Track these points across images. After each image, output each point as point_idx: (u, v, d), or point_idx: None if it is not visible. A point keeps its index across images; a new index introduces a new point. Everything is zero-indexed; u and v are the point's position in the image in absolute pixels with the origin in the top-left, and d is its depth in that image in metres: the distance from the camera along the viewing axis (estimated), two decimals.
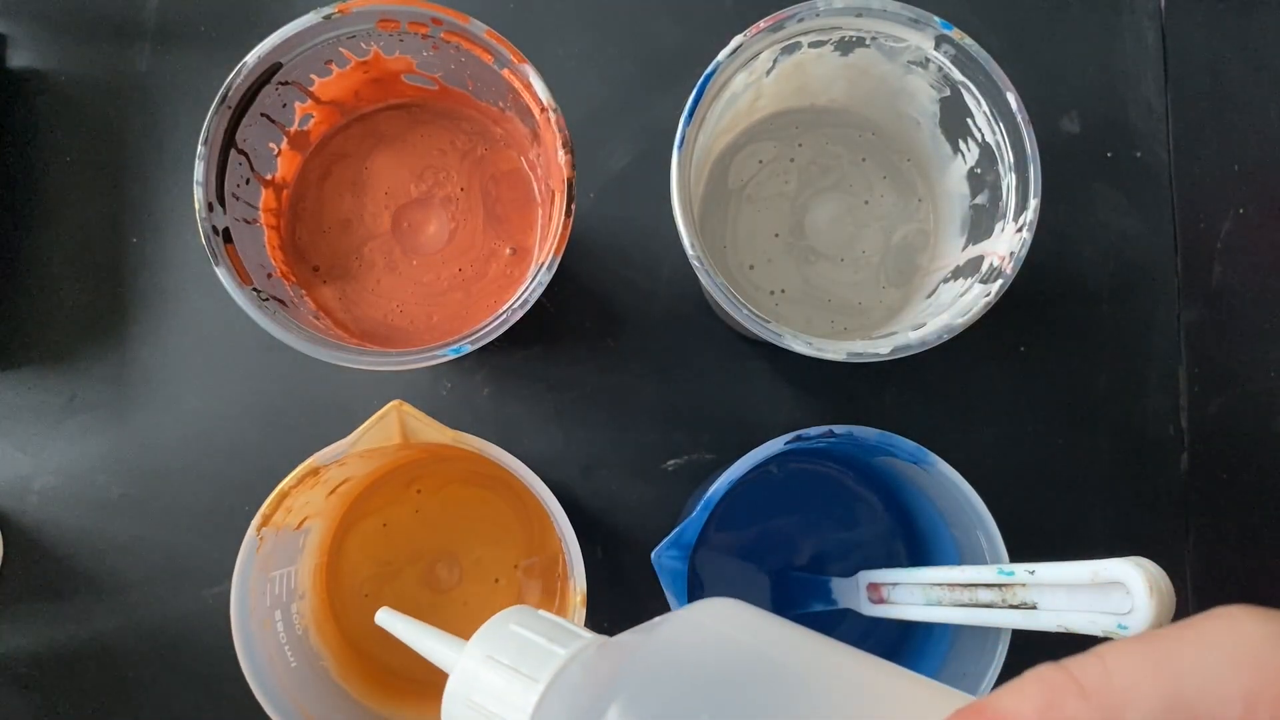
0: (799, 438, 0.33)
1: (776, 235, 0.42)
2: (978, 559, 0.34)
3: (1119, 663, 0.15)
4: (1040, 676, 0.16)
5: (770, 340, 0.34)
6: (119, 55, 0.46)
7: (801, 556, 0.42)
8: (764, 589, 0.41)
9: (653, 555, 0.32)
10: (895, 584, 0.34)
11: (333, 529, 0.40)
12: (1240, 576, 0.44)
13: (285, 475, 0.32)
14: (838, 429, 0.34)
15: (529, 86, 0.35)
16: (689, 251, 0.34)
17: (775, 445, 0.33)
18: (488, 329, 0.34)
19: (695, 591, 0.41)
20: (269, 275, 0.37)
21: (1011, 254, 0.34)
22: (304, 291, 0.40)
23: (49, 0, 0.46)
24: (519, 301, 0.34)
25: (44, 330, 0.44)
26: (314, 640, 0.37)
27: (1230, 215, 0.46)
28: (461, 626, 0.40)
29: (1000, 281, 0.34)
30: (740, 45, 0.35)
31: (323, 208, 0.41)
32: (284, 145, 0.39)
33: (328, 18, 0.34)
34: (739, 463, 0.33)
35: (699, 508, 0.33)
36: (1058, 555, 0.27)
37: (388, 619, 0.26)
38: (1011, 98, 0.35)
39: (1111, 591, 0.24)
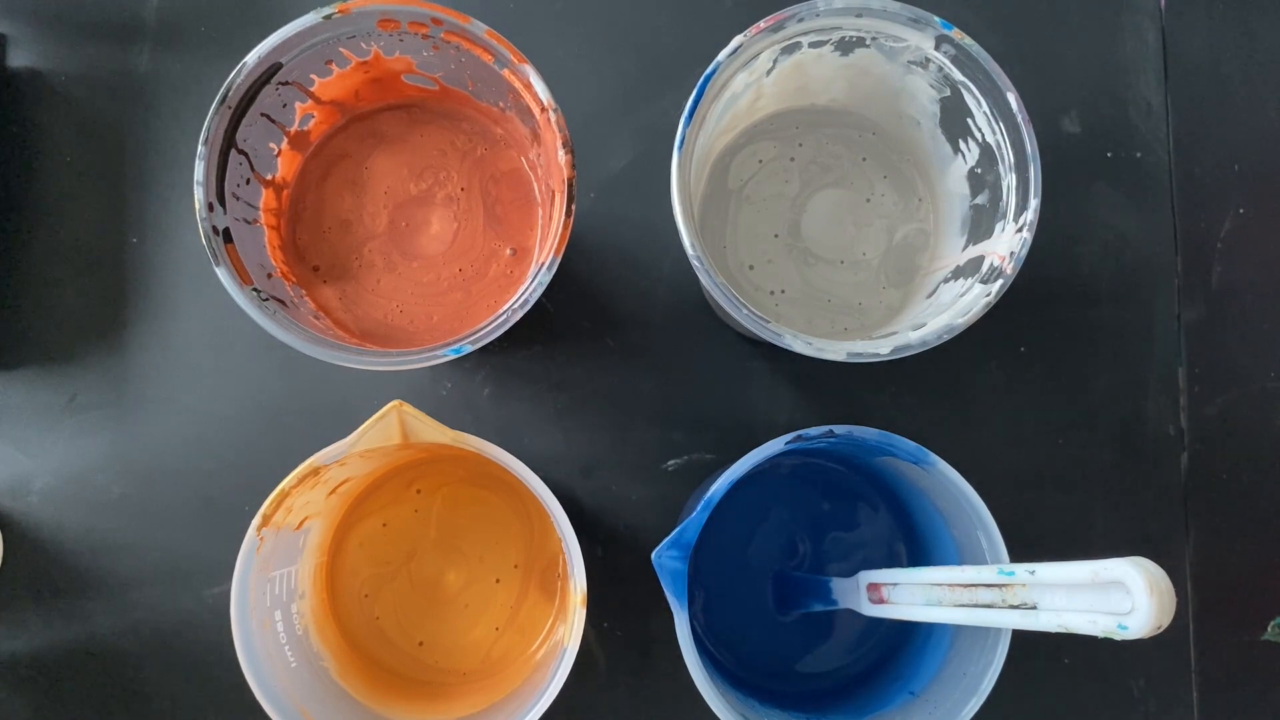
0: (799, 438, 0.33)
1: (776, 235, 0.42)
2: (978, 559, 0.34)
3: None
4: None
5: (770, 340, 0.34)
6: (119, 55, 0.46)
7: (802, 556, 0.42)
8: (764, 589, 0.41)
9: (653, 555, 0.32)
10: (895, 584, 0.34)
11: (333, 529, 0.40)
12: (1240, 576, 0.44)
13: (285, 475, 0.32)
14: (838, 429, 0.34)
15: (529, 86, 0.35)
16: (689, 252, 0.34)
17: (775, 445, 0.33)
18: (488, 329, 0.34)
19: (695, 592, 0.41)
20: (269, 275, 0.37)
21: (1012, 254, 0.34)
22: (304, 291, 0.40)
23: (49, 0, 0.46)
24: (519, 301, 0.34)
25: (44, 330, 0.44)
26: (314, 640, 0.37)
27: (1230, 215, 0.46)
28: (462, 626, 0.40)
29: (1000, 281, 0.34)
30: (740, 45, 0.35)
31: (323, 208, 0.41)
32: (284, 145, 0.39)
33: (328, 18, 0.34)
34: (739, 463, 0.33)
35: (699, 508, 0.33)
36: (1058, 555, 0.27)
37: None
38: (1012, 98, 0.35)
39: (1112, 591, 0.24)
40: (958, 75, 0.36)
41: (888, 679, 0.39)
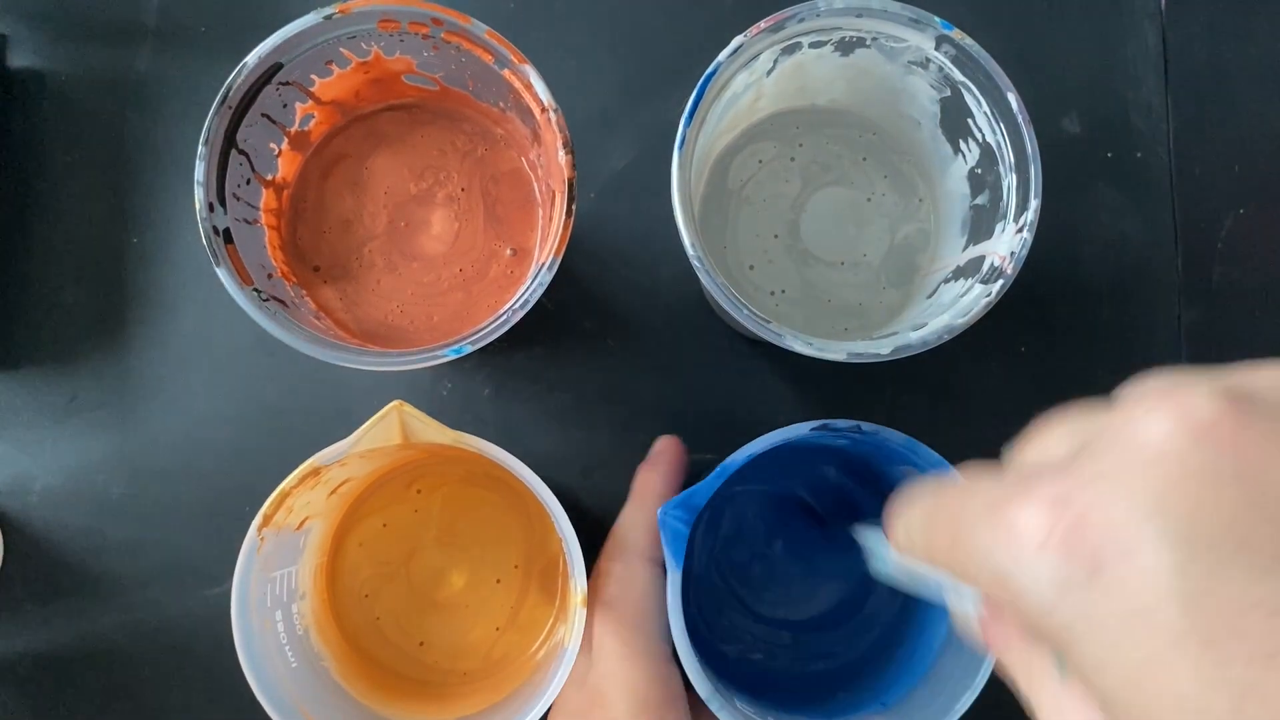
0: (825, 426, 0.33)
1: (776, 236, 0.42)
2: None
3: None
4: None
5: (770, 340, 0.34)
6: (119, 55, 0.45)
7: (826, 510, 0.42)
8: (758, 588, 0.41)
9: (659, 511, 0.32)
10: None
11: (333, 529, 0.40)
12: None
13: (286, 475, 0.32)
14: (865, 426, 0.34)
15: (529, 87, 0.35)
16: (689, 252, 0.34)
17: (800, 429, 0.33)
18: (488, 329, 0.34)
19: (709, 528, 0.41)
20: (270, 275, 0.37)
21: (1012, 254, 0.34)
22: (304, 292, 0.40)
23: (49, 0, 0.46)
24: (519, 302, 0.34)
25: (44, 330, 0.44)
26: (314, 640, 0.37)
27: (1230, 215, 0.46)
28: (462, 626, 0.40)
29: (1001, 282, 0.34)
30: (741, 45, 0.35)
31: (323, 208, 0.41)
32: (284, 145, 0.39)
33: (328, 18, 0.34)
34: (760, 439, 0.33)
35: (714, 474, 0.33)
36: None
37: None
38: (1012, 98, 0.35)
39: None
40: (958, 75, 0.36)
41: (860, 687, 0.39)
